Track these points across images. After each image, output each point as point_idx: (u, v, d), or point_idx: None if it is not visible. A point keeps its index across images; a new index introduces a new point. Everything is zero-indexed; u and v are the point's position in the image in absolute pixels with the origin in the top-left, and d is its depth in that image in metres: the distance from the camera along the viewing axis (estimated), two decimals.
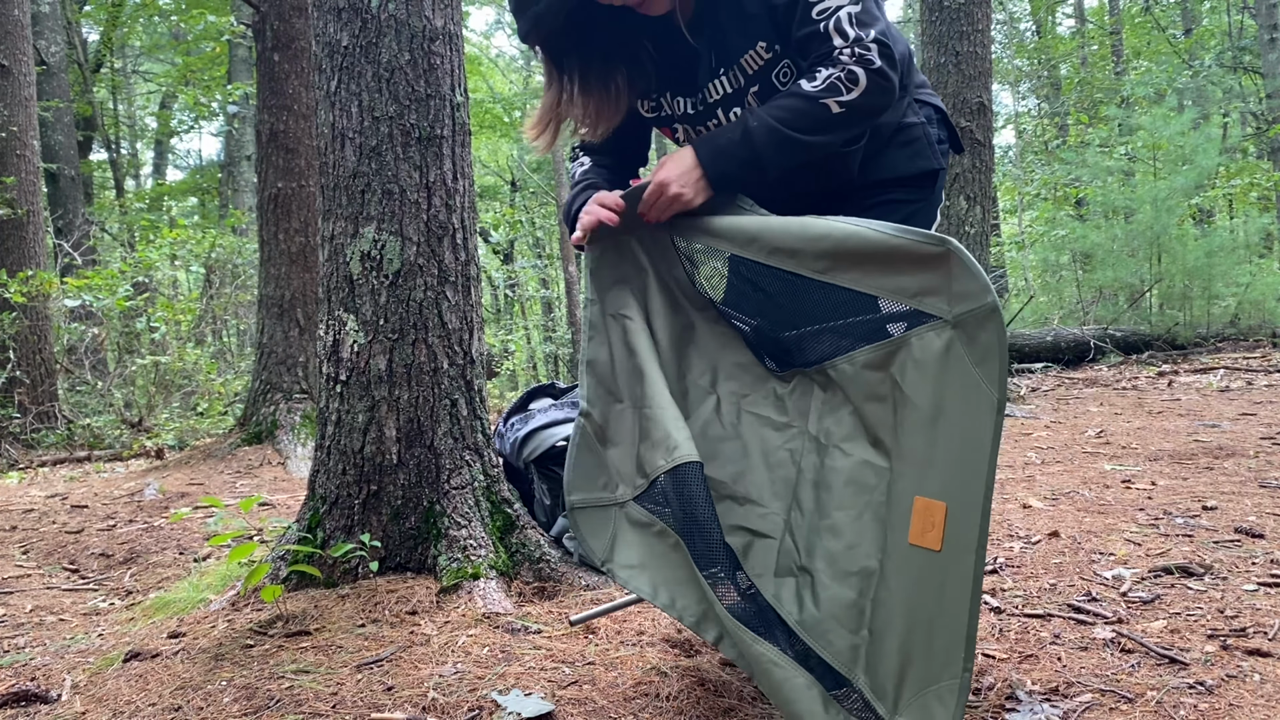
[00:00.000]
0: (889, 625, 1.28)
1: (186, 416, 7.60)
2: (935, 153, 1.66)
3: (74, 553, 3.18)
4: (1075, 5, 18.71)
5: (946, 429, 1.25)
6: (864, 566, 1.34)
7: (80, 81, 12.35)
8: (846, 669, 1.33)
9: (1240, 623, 1.83)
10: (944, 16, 6.02)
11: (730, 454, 1.57)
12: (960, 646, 1.19)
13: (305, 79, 5.60)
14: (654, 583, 1.53)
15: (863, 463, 1.39)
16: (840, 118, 1.44)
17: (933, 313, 1.27)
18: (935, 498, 1.24)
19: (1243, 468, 3.35)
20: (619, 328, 1.61)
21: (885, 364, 1.34)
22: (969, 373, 1.22)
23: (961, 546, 1.20)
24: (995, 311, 1.20)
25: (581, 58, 1.63)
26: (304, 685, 1.74)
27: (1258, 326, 8.76)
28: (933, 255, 1.25)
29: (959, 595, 1.20)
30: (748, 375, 1.60)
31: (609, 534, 1.57)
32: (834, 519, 1.40)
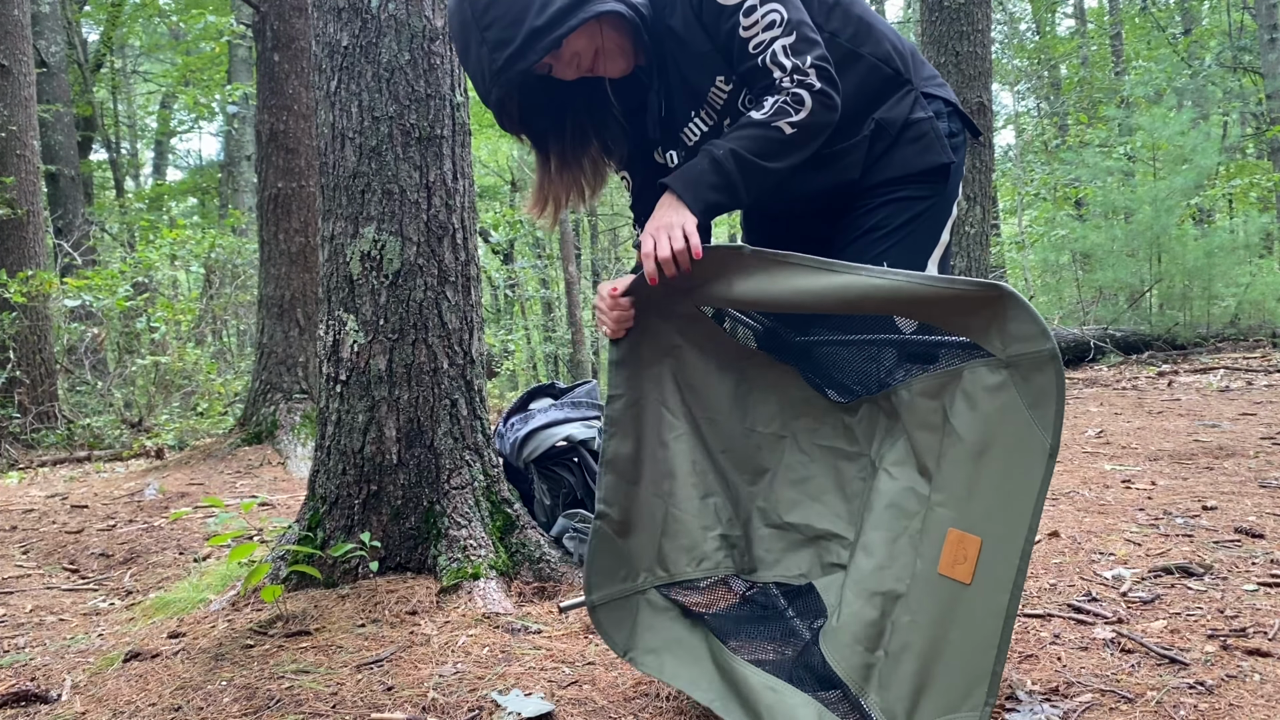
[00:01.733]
0: (907, 649, 1.28)
1: (186, 416, 7.60)
2: (945, 146, 1.64)
3: (74, 553, 3.18)
4: (1075, 5, 18.70)
5: (991, 466, 1.24)
6: (891, 589, 1.34)
7: (80, 81, 12.35)
8: (857, 686, 1.33)
9: (1240, 623, 1.83)
10: (944, 16, 6.02)
11: (813, 492, 1.58)
12: (985, 680, 1.19)
13: (305, 79, 5.60)
14: (676, 665, 1.55)
15: (907, 489, 1.38)
16: (794, 138, 1.49)
17: (987, 349, 1.25)
18: (970, 532, 1.24)
19: (1243, 468, 3.35)
20: (655, 419, 1.60)
21: (938, 393, 1.33)
22: (1020, 413, 1.21)
23: (995, 583, 1.20)
24: (1055, 359, 1.18)
25: (557, 137, 1.68)
26: (304, 685, 1.74)
27: (1258, 326, 8.76)
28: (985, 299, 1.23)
29: (988, 630, 1.19)
30: (814, 409, 1.60)
31: (630, 622, 1.58)
32: (869, 538, 1.40)
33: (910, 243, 1.62)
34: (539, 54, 1.47)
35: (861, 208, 1.64)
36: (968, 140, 1.73)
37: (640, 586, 1.58)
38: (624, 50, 1.57)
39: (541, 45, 1.46)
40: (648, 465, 1.59)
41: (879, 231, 1.61)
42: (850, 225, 1.64)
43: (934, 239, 1.66)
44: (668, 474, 1.58)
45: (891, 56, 1.63)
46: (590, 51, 1.55)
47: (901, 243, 1.61)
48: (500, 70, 1.48)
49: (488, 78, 1.51)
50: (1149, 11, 16.99)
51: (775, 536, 1.60)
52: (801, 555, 1.58)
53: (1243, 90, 14.52)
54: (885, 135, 1.62)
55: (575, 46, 1.52)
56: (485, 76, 1.51)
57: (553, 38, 1.46)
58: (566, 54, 1.53)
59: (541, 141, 1.69)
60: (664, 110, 1.65)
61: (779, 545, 1.60)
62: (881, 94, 1.62)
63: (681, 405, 1.60)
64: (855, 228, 1.63)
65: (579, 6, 1.46)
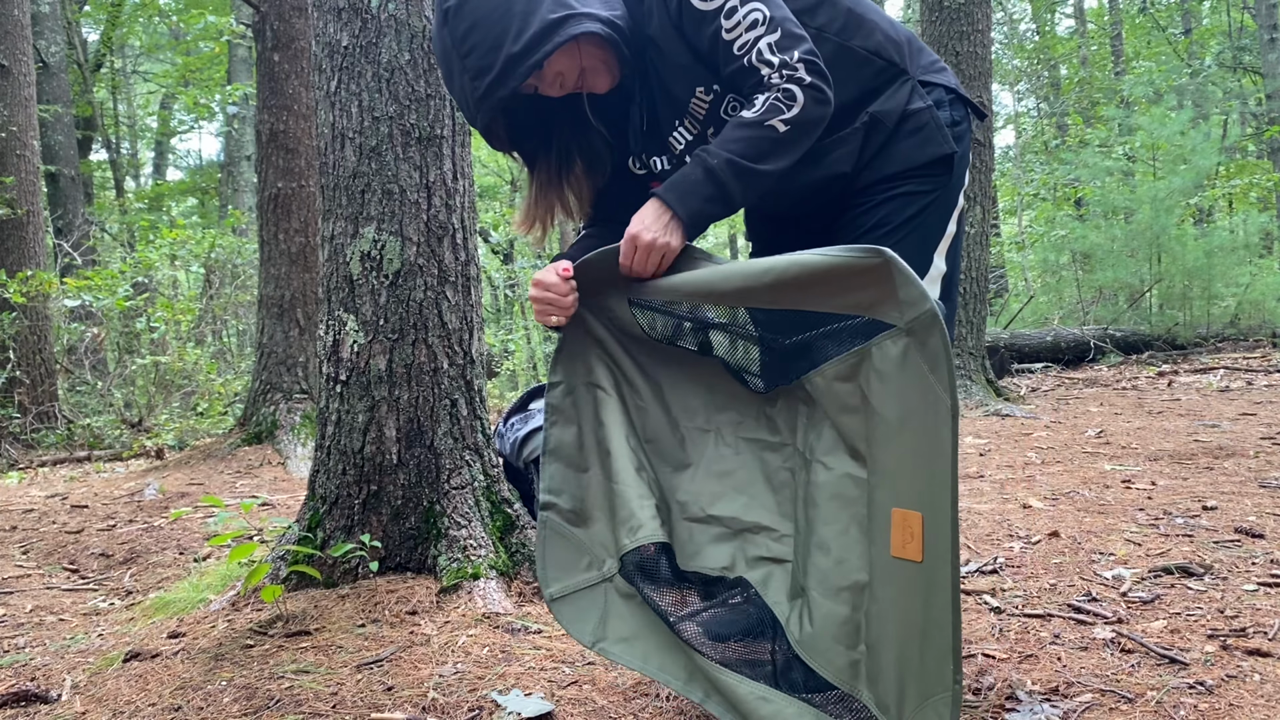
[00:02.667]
0: (883, 639, 1.28)
1: (186, 416, 7.60)
2: (946, 136, 1.60)
3: (74, 553, 3.18)
4: (1075, 5, 18.71)
5: (912, 437, 1.24)
6: (855, 581, 1.33)
7: (80, 81, 12.35)
8: (849, 686, 1.32)
9: (1240, 623, 1.83)
10: (944, 16, 6.02)
11: (737, 485, 1.56)
12: (948, 659, 1.18)
13: (305, 79, 5.60)
14: (644, 652, 1.53)
15: (844, 475, 1.37)
16: (789, 136, 1.46)
17: (888, 321, 1.27)
18: (911, 508, 1.23)
19: (1243, 468, 3.35)
20: (590, 399, 1.59)
21: (853, 375, 1.34)
22: (925, 378, 1.22)
23: (938, 556, 1.19)
24: (936, 318, 1.20)
25: (544, 155, 1.68)
26: (304, 685, 1.74)
27: (1258, 326, 8.76)
28: (872, 266, 1.25)
29: (941, 606, 1.19)
30: (738, 402, 1.58)
31: (599, 612, 1.55)
32: (821, 534, 1.39)
33: (914, 238, 1.58)
34: (519, 79, 1.47)
35: (863, 205, 1.60)
36: (972, 125, 1.69)
37: (606, 574, 1.55)
38: (608, 65, 1.56)
39: (520, 71, 1.46)
40: (592, 450, 1.58)
41: (882, 229, 1.58)
42: (851, 224, 1.61)
43: (939, 232, 1.62)
44: (607, 452, 1.56)
45: (884, 47, 1.59)
46: (574, 71, 1.54)
47: (905, 239, 1.57)
48: (482, 97, 1.48)
49: (471, 104, 1.51)
50: (1148, 10, 16.99)
51: (696, 530, 1.58)
52: (723, 549, 1.55)
53: (1243, 90, 14.53)
54: (881, 129, 1.58)
55: (557, 67, 1.52)
56: (469, 104, 1.52)
57: (531, 63, 1.45)
58: (549, 75, 1.53)
59: (531, 160, 1.69)
60: (645, 122, 1.64)
61: (700, 538, 1.57)
62: (876, 87, 1.58)
63: (614, 385, 1.59)
64: (857, 226, 1.60)
65: (555, 30, 1.45)
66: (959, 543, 1.18)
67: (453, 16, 1.48)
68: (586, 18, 1.48)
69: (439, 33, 1.52)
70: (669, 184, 1.51)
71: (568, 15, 1.46)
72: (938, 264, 1.62)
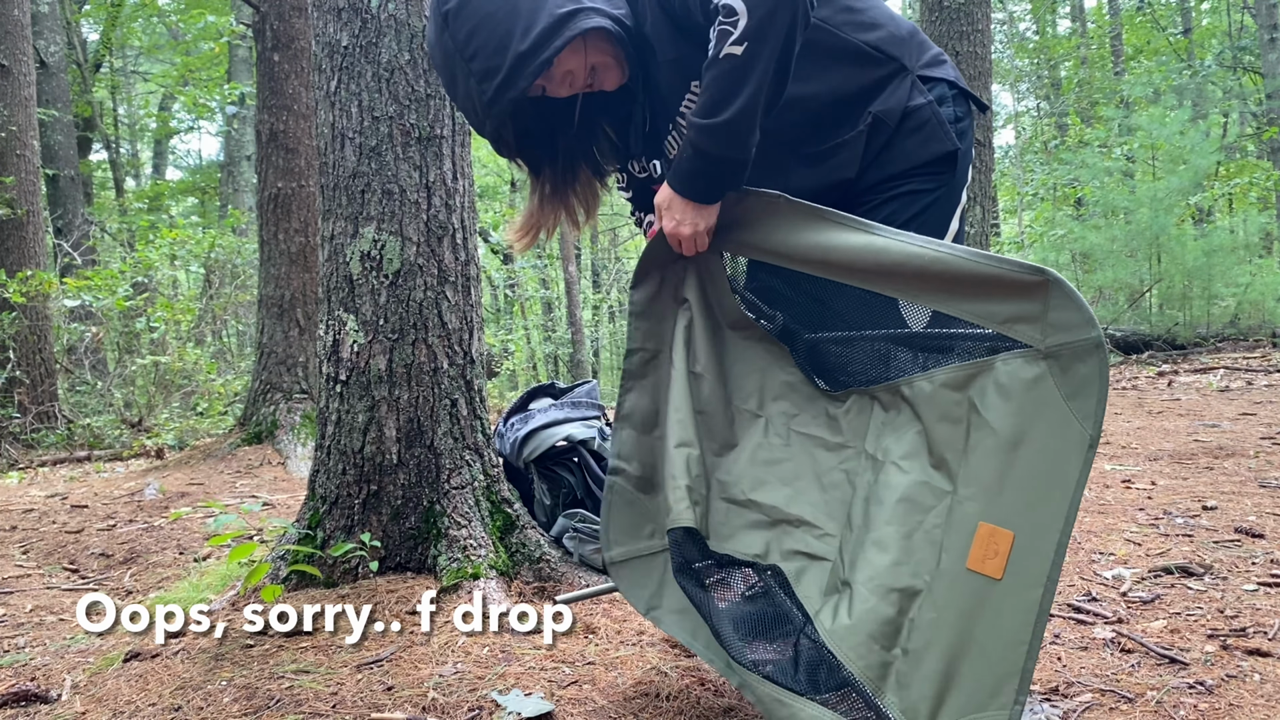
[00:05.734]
0: (931, 646, 1.25)
1: (186, 416, 7.60)
2: (949, 133, 1.56)
3: (74, 553, 3.18)
4: (1075, 5, 18.71)
5: (1026, 459, 1.21)
6: (908, 585, 1.30)
7: (80, 81, 12.35)
8: (874, 686, 1.29)
9: (1240, 623, 1.83)
10: (944, 16, 6.02)
11: (782, 476, 1.53)
12: (1015, 678, 1.16)
13: (305, 79, 5.60)
14: (695, 627, 1.52)
15: (921, 482, 1.34)
16: (747, 56, 1.33)
17: (1023, 340, 1.22)
18: (1002, 525, 1.21)
19: (1243, 468, 3.35)
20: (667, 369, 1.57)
21: (965, 385, 1.29)
22: (1059, 405, 1.18)
23: (1027, 578, 1.17)
24: (1099, 348, 1.15)
25: (550, 161, 1.64)
26: (304, 685, 1.74)
27: (1258, 326, 8.76)
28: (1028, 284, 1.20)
29: (1019, 626, 1.17)
30: (796, 394, 1.55)
31: (656, 581, 1.55)
32: (881, 533, 1.36)
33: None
34: (528, 79, 1.42)
35: (867, 204, 1.58)
36: (975, 120, 1.65)
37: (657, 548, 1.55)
38: (618, 61, 1.52)
39: (530, 70, 1.41)
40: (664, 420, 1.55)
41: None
42: None
43: (943, 229, 1.60)
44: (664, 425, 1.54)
45: (886, 43, 1.55)
46: (583, 69, 1.50)
47: None
48: (491, 101, 1.43)
49: (479, 110, 1.46)
50: (1144, 11, 16.97)
51: (733, 512, 1.55)
52: (758, 536, 1.53)
53: (1242, 90, 14.52)
54: (884, 128, 1.54)
55: (566, 65, 1.48)
56: (477, 109, 1.47)
57: (540, 60, 1.41)
58: (558, 74, 1.49)
59: (536, 166, 1.65)
60: (649, 123, 1.60)
61: (736, 521, 1.55)
62: (877, 83, 1.55)
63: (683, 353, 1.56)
64: None
65: (563, 25, 1.41)
66: (1060, 570, 1.16)
67: (453, 19, 1.43)
68: (595, 12, 1.44)
69: (438, 38, 1.46)
70: (671, 170, 1.48)
71: (576, 9, 1.42)
72: None
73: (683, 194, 1.45)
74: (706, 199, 1.46)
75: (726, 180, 1.44)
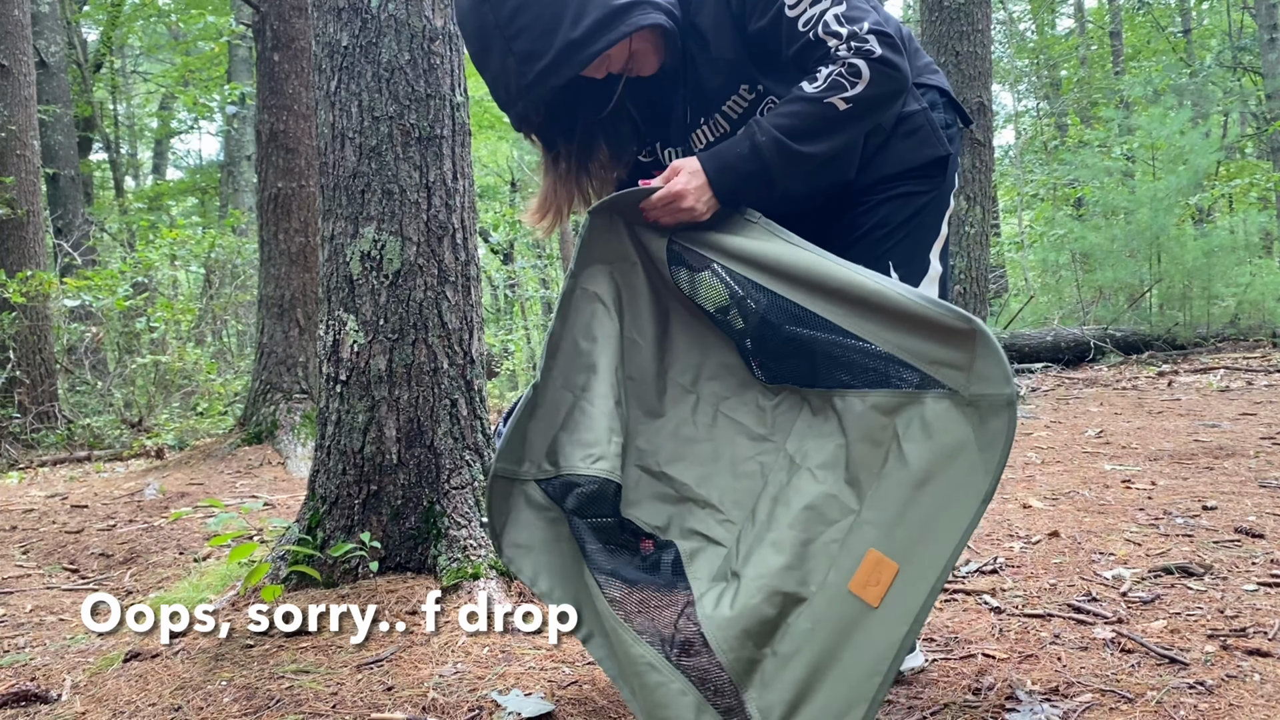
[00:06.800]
0: (799, 654, 1.27)
1: (186, 416, 7.60)
2: (941, 138, 1.59)
3: (74, 553, 3.18)
4: (1075, 5, 18.71)
5: (928, 498, 1.23)
6: (794, 591, 1.31)
7: (80, 81, 12.34)
8: (740, 680, 1.31)
9: (1240, 623, 1.83)
10: (944, 16, 6.02)
11: (699, 456, 1.54)
12: (864, 704, 1.19)
13: (305, 79, 5.60)
14: (536, 568, 1.52)
15: (830, 495, 1.36)
16: (848, 115, 1.39)
17: (947, 384, 1.24)
18: (891, 557, 1.23)
19: (1243, 468, 3.35)
20: (589, 310, 1.55)
21: (893, 411, 1.31)
22: (973, 454, 1.21)
23: (900, 613, 1.20)
24: (1012, 405, 1.18)
25: (567, 141, 1.62)
26: (304, 685, 1.74)
27: (1258, 326, 8.75)
28: (958, 331, 1.22)
29: (879, 657, 1.20)
30: (732, 378, 1.56)
31: (508, 508, 1.54)
32: (780, 535, 1.37)
33: (914, 238, 1.59)
34: (575, 69, 1.39)
35: (860, 207, 1.60)
36: (961, 131, 1.68)
37: (522, 475, 1.52)
38: (658, 50, 1.51)
39: (578, 60, 1.38)
40: (564, 355, 1.54)
41: (881, 230, 1.58)
42: (850, 225, 1.61)
43: (935, 232, 1.63)
44: (588, 367, 1.52)
45: None
46: (623, 57, 1.48)
47: (905, 240, 1.58)
48: (531, 85, 1.40)
49: (513, 89, 1.43)
50: (1142, 11, 16.98)
51: (644, 480, 1.55)
52: (662, 509, 1.53)
53: (1243, 90, 14.53)
54: (879, 131, 1.56)
55: (609, 54, 1.45)
56: (510, 88, 1.43)
57: (591, 51, 1.38)
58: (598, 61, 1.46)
59: (553, 145, 1.62)
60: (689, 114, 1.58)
61: (644, 490, 1.55)
62: None
63: (617, 310, 1.55)
64: (856, 227, 1.60)
65: (618, 19, 1.38)
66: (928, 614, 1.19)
67: None
68: (651, 7, 1.41)
69: (474, 8, 1.41)
70: (714, 152, 1.46)
71: (633, 2, 1.39)
72: (934, 265, 1.63)
73: (712, 178, 1.44)
74: (728, 198, 1.46)
75: (755, 194, 1.46)
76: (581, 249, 1.54)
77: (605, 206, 1.53)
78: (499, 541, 1.53)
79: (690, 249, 1.52)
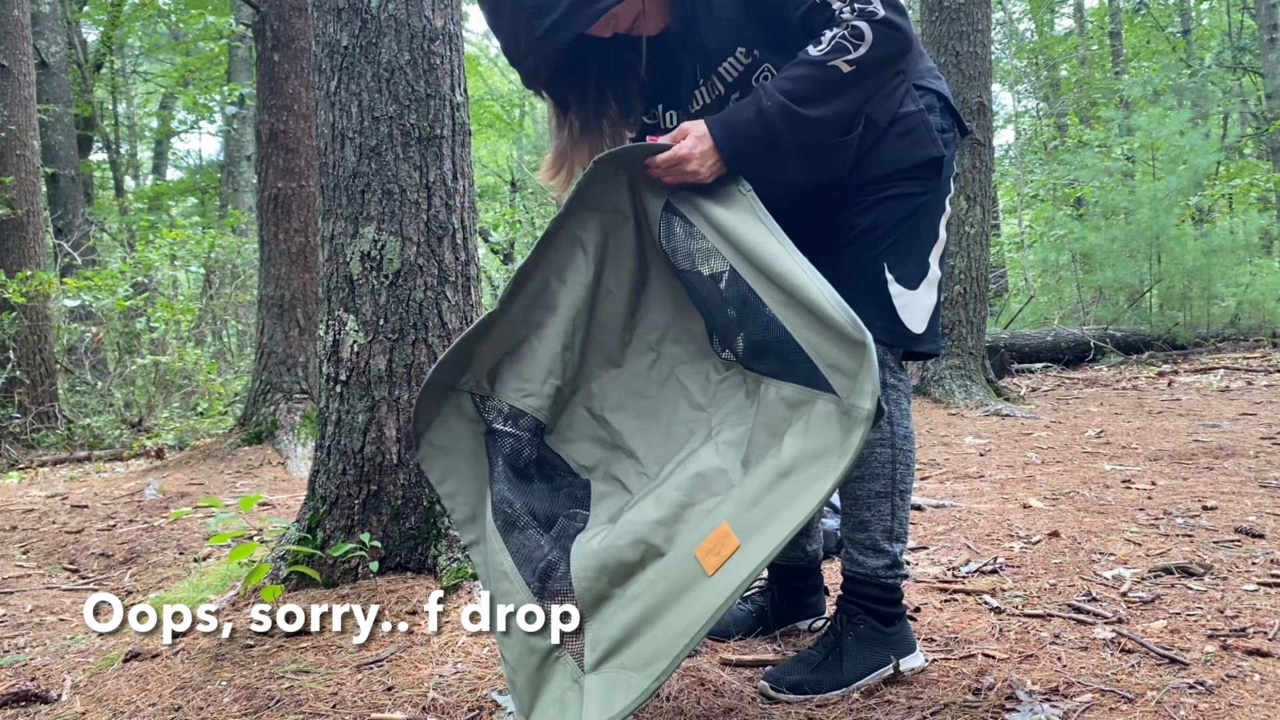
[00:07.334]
0: (637, 600, 1.35)
1: (186, 416, 7.60)
2: (935, 140, 1.58)
3: (74, 553, 3.18)
4: (1075, 5, 18.71)
5: (784, 490, 1.30)
6: (657, 545, 1.38)
7: (80, 81, 12.34)
8: (586, 610, 1.39)
9: (1240, 623, 1.83)
10: (944, 16, 6.02)
11: (641, 410, 1.61)
12: (667, 660, 1.27)
13: (305, 79, 5.60)
14: (445, 470, 1.61)
15: (722, 470, 1.43)
16: (852, 77, 1.39)
17: (836, 389, 1.30)
18: (737, 534, 1.31)
19: (1243, 468, 3.35)
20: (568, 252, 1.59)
21: (795, 406, 1.38)
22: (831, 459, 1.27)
23: (725, 585, 1.27)
24: (867, 421, 1.23)
25: (579, 98, 1.64)
26: (304, 685, 1.74)
27: (1258, 326, 8.76)
28: (852, 339, 1.27)
29: (693, 620, 1.27)
30: (694, 345, 1.62)
31: (435, 412, 1.61)
32: (665, 493, 1.45)
33: (910, 239, 1.58)
34: (585, 23, 1.41)
35: (855, 207, 1.59)
36: (958, 138, 1.67)
37: (461, 385, 1.60)
38: (663, 12, 1.52)
39: (586, 14, 1.40)
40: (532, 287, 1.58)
41: (876, 231, 1.57)
42: (845, 225, 1.60)
43: (933, 235, 1.62)
44: (549, 306, 1.58)
45: None
46: (632, 13, 1.50)
47: (901, 240, 1.57)
48: (541, 39, 1.43)
49: (524, 44, 1.45)
50: (1141, 12, 16.97)
51: (586, 421, 1.63)
52: (595, 451, 1.61)
53: (1243, 90, 14.53)
54: (873, 129, 1.56)
55: (617, 10, 1.47)
56: (521, 43, 1.46)
57: (599, 8, 1.40)
58: (605, 18, 1.48)
59: (564, 104, 1.64)
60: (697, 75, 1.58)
61: (583, 430, 1.63)
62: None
63: (597, 259, 1.59)
64: (851, 227, 1.59)
65: None
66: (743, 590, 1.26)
67: None
68: None
69: None
70: (720, 117, 1.47)
71: None
72: (934, 269, 1.62)
73: (719, 143, 1.45)
74: (735, 161, 1.47)
75: (762, 158, 1.46)
76: (576, 193, 1.57)
77: (612, 157, 1.56)
78: (418, 439, 1.61)
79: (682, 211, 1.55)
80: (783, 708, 1.57)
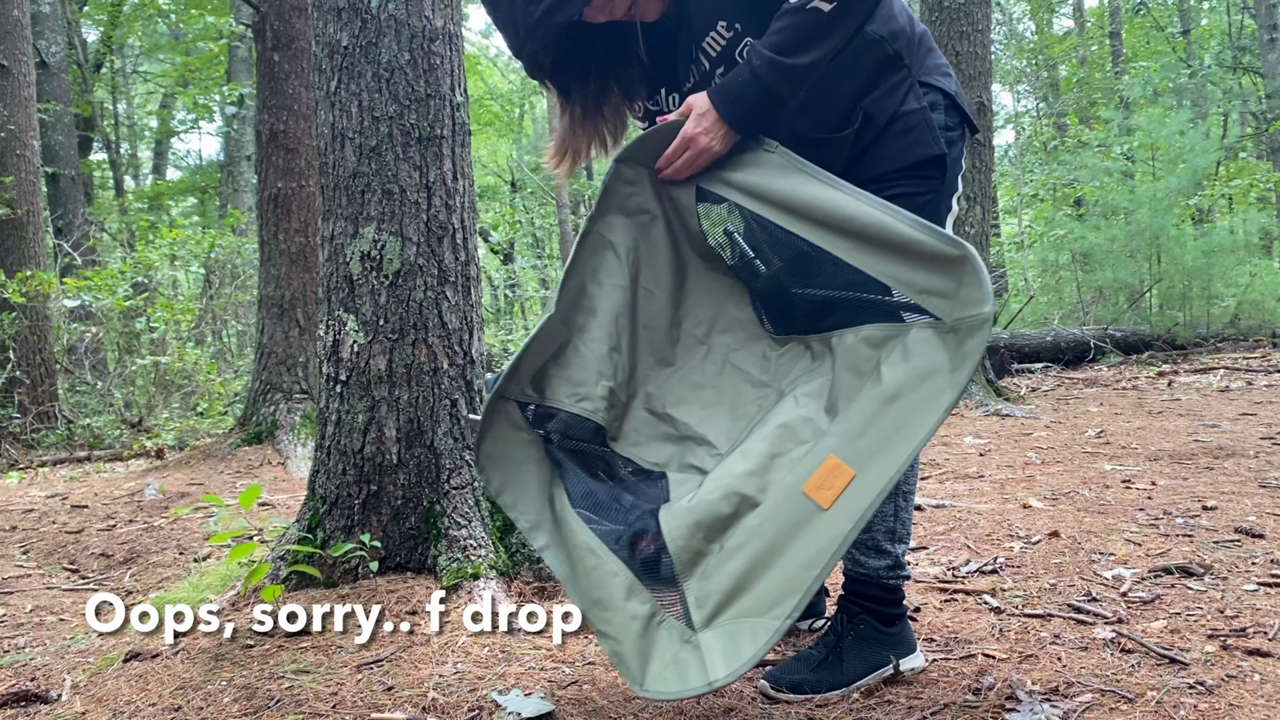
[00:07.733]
0: (743, 549, 1.35)
1: (186, 416, 7.60)
2: (937, 138, 1.56)
3: (74, 553, 3.18)
4: (1074, 5, 18.71)
5: (894, 413, 1.31)
6: (751, 495, 1.38)
7: (80, 81, 12.34)
8: (683, 568, 1.38)
9: (1240, 623, 1.83)
10: (944, 16, 6.02)
11: (703, 400, 1.61)
12: (797, 596, 1.27)
13: (305, 79, 5.60)
14: (502, 480, 1.60)
15: (807, 419, 1.43)
16: (833, 15, 1.40)
17: (934, 312, 1.31)
18: (849, 464, 1.31)
19: (1243, 468, 3.35)
20: (600, 255, 1.60)
21: (880, 344, 1.38)
22: (944, 375, 1.28)
23: (848, 513, 1.27)
24: (988, 323, 1.25)
25: (581, 85, 1.64)
26: (304, 685, 1.74)
27: (1258, 326, 8.76)
28: (949, 257, 1.28)
29: (820, 552, 1.27)
30: (743, 331, 1.62)
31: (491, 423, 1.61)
32: (751, 445, 1.44)
33: None
34: (578, 5, 1.42)
35: None
36: (966, 136, 1.65)
37: (507, 393, 1.59)
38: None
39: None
40: (569, 292, 1.59)
41: None
42: None
43: None
44: (589, 310, 1.59)
45: (897, 36, 1.55)
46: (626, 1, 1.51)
47: None
48: (538, 23, 1.44)
49: (522, 30, 1.47)
50: (1140, 13, 16.97)
51: (649, 422, 1.62)
52: (665, 448, 1.61)
53: (1243, 90, 14.53)
54: (872, 126, 1.55)
55: None
56: (519, 29, 1.47)
57: None
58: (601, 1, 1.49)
59: (566, 90, 1.64)
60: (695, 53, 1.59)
61: (649, 431, 1.62)
62: (877, 77, 1.55)
63: (631, 261, 1.60)
64: None
65: None
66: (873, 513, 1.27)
67: None
68: None
69: None
70: (718, 86, 1.48)
71: None
72: None
73: (721, 111, 1.46)
74: (741, 125, 1.48)
75: (767, 116, 1.48)
76: (603, 196, 1.59)
77: (630, 156, 1.57)
78: (477, 451, 1.60)
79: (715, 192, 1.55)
80: (783, 707, 1.57)
